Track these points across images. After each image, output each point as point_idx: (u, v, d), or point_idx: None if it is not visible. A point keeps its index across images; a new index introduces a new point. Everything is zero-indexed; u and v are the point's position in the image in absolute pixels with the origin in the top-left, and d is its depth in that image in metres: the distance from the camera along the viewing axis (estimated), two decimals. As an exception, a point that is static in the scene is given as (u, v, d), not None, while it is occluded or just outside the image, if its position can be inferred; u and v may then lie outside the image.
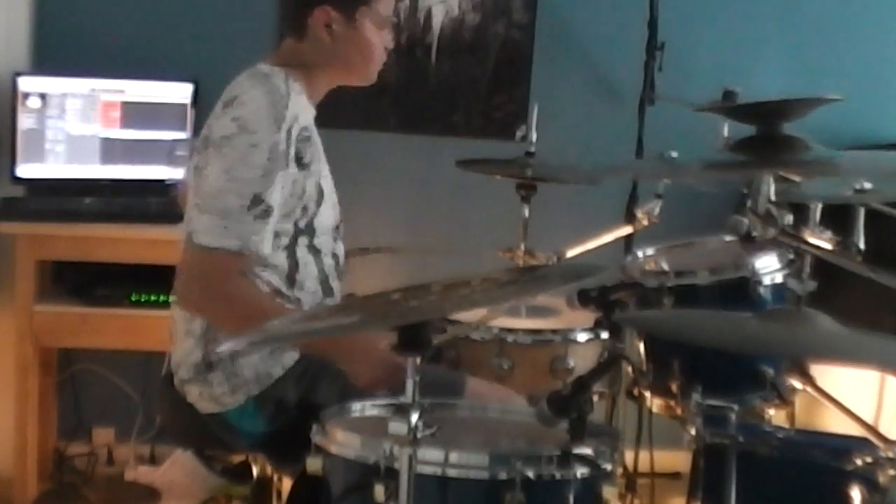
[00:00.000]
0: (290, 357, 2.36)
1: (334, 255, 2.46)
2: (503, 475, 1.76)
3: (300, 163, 2.31)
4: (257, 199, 2.23)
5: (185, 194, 2.42)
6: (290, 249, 2.35)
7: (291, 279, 2.35)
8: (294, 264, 2.36)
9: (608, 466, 1.84)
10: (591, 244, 2.97)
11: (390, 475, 1.73)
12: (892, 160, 1.93)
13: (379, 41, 2.45)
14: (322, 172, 2.41)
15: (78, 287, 3.50)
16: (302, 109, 2.34)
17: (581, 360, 2.67)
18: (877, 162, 1.95)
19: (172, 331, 2.42)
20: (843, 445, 1.91)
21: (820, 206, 2.10)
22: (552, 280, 2.18)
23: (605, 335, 2.68)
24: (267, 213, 2.25)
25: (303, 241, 2.37)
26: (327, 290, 2.43)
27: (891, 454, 1.84)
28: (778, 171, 1.78)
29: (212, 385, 2.33)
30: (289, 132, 2.28)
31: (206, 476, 3.46)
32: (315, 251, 2.40)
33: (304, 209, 2.35)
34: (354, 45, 2.42)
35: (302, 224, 2.36)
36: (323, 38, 2.40)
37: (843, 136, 3.34)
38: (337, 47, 2.41)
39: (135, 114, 3.59)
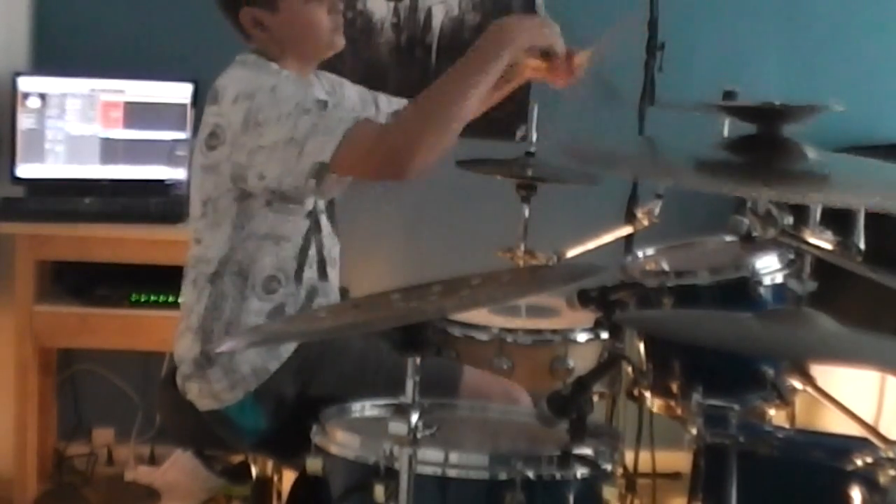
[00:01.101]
0: (286, 350, 2.35)
1: (333, 242, 2.47)
2: (503, 475, 1.77)
3: None
4: (301, 108, 2.18)
5: None
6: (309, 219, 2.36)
7: (301, 253, 2.35)
8: (306, 241, 2.36)
9: (608, 467, 1.84)
10: (591, 244, 2.97)
11: (390, 475, 1.74)
12: (887, 171, 1.92)
13: (320, 10, 2.38)
14: None
15: (78, 287, 3.49)
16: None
17: (581, 360, 2.67)
18: (872, 174, 1.94)
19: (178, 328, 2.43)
20: (844, 446, 1.91)
21: (820, 206, 2.09)
22: (552, 280, 2.18)
23: (605, 335, 2.68)
24: (322, 105, 2.26)
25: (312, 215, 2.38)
26: (322, 273, 2.43)
27: (891, 454, 1.84)
28: (771, 190, 1.77)
29: (210, 381, 2.33)
30: (287, 76, 2.31)
31: (206, 476, 3.47)
32: (317, 228, 2.41)
33: None
34: (294, 28, 2.37)
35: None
36: (262, 37, 2.38)
37: (843, 136, 3.33)
38: (280, 38, 2.37)
39: (135, 114, 3.59)
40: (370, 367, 2.36)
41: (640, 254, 2.73)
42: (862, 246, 1.93)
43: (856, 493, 1.84)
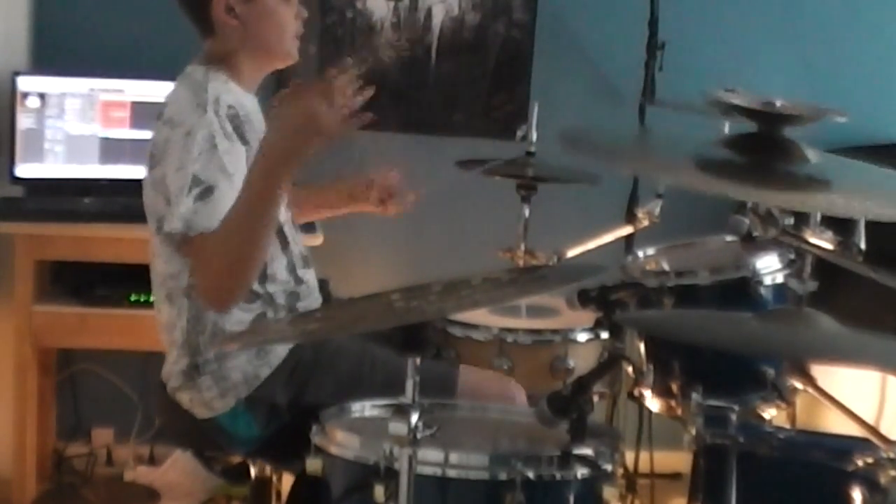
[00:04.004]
0: (277, 356, 2.35)
1: (296, 243, 2.45)
2: (503, 476, 1.76)
3: (242, 139, 2.28)
4: (196, 180, 2.18)
5: None
6: None
7: (262, 273, 2.32)
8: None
9: (608, 467, 1.84)
10: (591, 244, 2.97)
11: (390, 476, 1.73)
12: (887, 177, 1.92)
13: (287, 10, 2.40)
14: None
15: (77, 287, 3.49)
16: (224, 91, 2.32)
17: (581, 360, 2.67)
18: (872, 179, 1.94)
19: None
20: (844, 446, 1.91)
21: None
22: (552, 280, 2.18)
23: (605, 335, 2.68)
24: (209, 191, 2.17)
25: None
26: (297, 280, 2.42)
27: (892, 455, 1.84)
28: (772, 195, 1.77)
29: (201, 390, 2.32)
30: (216, 112, 2.26)
31: (205, 476, 3.46)
32: (283, 238, 2.39)
33: None
34: (263, 20, 2.37)
35: None
36: (230, 24, 2.37)
37: (843, 136, 3.33)
38: (247, 28, 2.37)
39: (134, 113, 3.58)
40: (365, 372, 2.35)
41: (640, 254, 2.72)
42: (863, 246, 1.93)
43: (856, 494, 1.84)
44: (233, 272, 2.15)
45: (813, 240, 1.95)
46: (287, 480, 2.49)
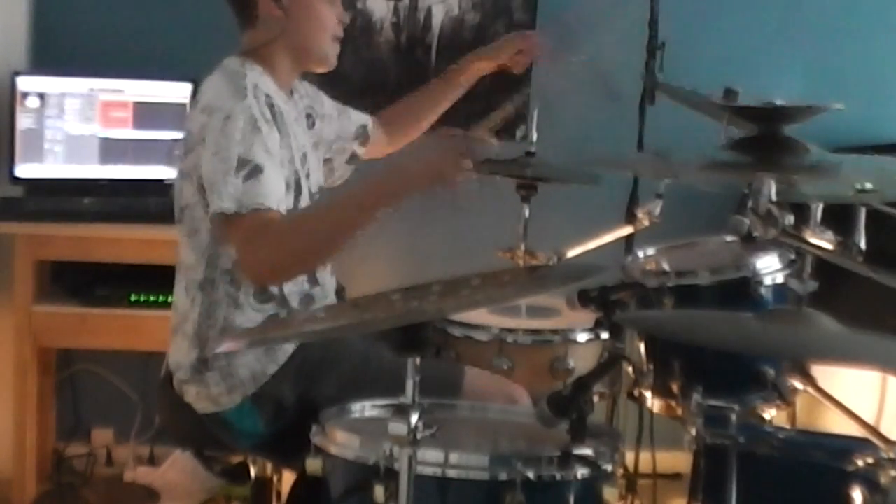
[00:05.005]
0: (284, 354, 2.35)
1: None
2: (503, 476, 1.76)
3: (277, 127, 2.30)
4: (242, 161, 2.19)
5: None
6: None
7: None
8: None
9: (609, 467, 1.84)
10: (591, 244, 2.96)
11: (390, 476, 1.73)
12: (891, 164, 1.93)
13: (330, 11, 2.44)
14: (294, 157, 2.40)
15: (77, 287, 3.49)
16: (260, 81, 2.34)
17: (581, 360, 2.67)
18: (876, 167, 1.95)
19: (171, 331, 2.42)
20: (845, 446, 1.91)
21: (821, 206, 2.09)
22: (552, 280, 2.18)
23: (605, 335, 2.67)
24: (257, 170, 2.19)
25: None
26: (313, 280, 2.42)
27: (892, 455, 1.84)
28: (778, 174, 1.78)
29: (209, 385, 2.32)
30: (256, 97, 2.29)
31: (205, 477, 3.46)
32: None
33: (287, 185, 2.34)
34: (306, 15, 2.40)
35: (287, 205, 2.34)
36: (274, 14, 2.39)
37: (843, 136, 3.33)
38: (289, 20, 2.39)
39: (134, 113, 3.58)
40: (370, 371, 2.35)
41: (640, 254, 2.72)
42: (863, 246, 1.93)
43: (857, 494, 1.84)
44: (295, 263, 2.22)
45: (813, 240, 1.94)
46: (287, 480, 2.49)
